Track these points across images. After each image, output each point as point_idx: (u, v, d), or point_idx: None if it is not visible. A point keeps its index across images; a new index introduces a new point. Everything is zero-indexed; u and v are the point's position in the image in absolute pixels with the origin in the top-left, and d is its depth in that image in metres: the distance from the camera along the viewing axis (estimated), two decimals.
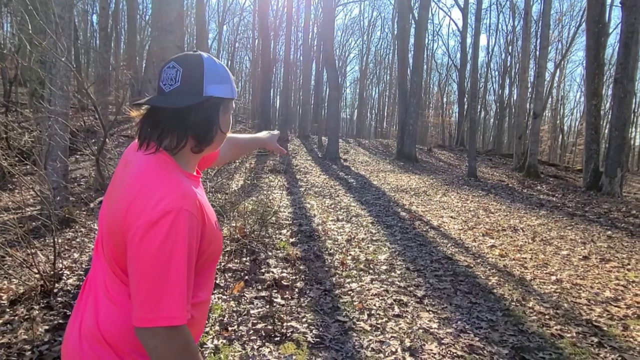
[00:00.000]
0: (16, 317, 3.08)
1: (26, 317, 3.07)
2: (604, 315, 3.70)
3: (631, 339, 3.26)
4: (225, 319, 3.17)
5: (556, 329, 3.37)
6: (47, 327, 2.92)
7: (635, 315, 3.70)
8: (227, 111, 1.04)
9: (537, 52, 18.79)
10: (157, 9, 3.99)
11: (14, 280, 3.80)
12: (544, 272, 4.81)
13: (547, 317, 3.60)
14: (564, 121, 39.71)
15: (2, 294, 3.59)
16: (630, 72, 11.76)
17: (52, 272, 3.59)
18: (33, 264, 3.52)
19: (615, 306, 3.91)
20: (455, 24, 29.05)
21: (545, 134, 34.27)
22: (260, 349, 2.78)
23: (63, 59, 3.47)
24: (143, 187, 0.90)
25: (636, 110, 31.02)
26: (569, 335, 3.28)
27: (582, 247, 5.97)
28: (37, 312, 3.15)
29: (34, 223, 5.50)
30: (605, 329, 3.42)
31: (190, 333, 0.88)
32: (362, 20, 61.33)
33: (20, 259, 3.79)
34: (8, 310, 3.22)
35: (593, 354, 3.00)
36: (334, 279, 4.17)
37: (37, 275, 3.52)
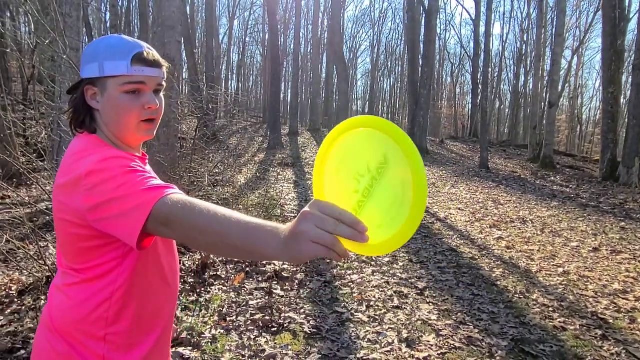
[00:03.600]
0: (23, 307, 3.17)
1: (32, 307, 3.15)
2: (611, 307, 3.64)
3: (638, 332, 3.20)
4: (224, 310, 3.21)
5: (559, 322, 3.33)
6: None
7: None
8: (107, 91, 0.96)
9: (553, 40, 18.35)
10: (158, 5, 4.03)
11: (25, 272, 3.91)
12: (551, 264, 4.74)
13: (550, 309, 3.56)
14: (582, 110, 38.87)
15: (12, 285, 3.71)
16: None
17: None
18: (42, 256, 3.61)
19: (624, 299, 3.84)
20: (468, 13, 28.59)
21: (562, 124, 33.57)
22: (256, 339, 2.82)
23: (65, 56, 3.53)
24: (73, 160, 0.92)
25: None
26: (572, 327, 3.24)
27: (593, 239, 5.86)
28: (43, 302, 3.23)
29: (47, 217, 5.64)
30: (611, 321, 3.37)
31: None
32: (373, 11, 60.80)
33: (32, 251, 3.89)
34: (16, 300, 3.32)
35: (596, 347, 2.96)
36: (334, 270, 4.18)
37: (45, 267, 3.61)
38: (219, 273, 3.88)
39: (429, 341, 2.92)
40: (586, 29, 28.82)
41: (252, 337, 2.84)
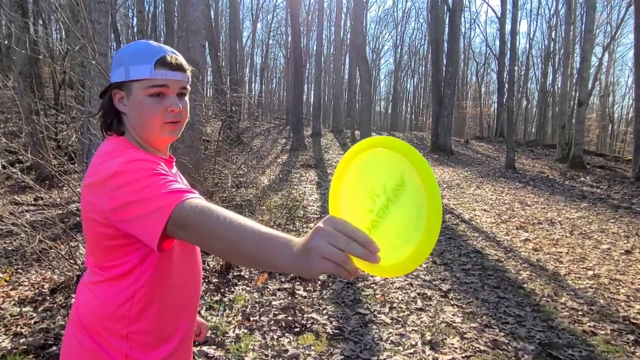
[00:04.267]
0: (55, 305, 3.28)
1: (63, 304, 3.27)
2: None
3: None
4: (247, 310, 3.25)
5: (589, 326, 3.23)
6: None
7: None
8: (132, 94, 1.00)
9: (583, 36, 17.77)
10: (183, 10, 4.11)
11: (57, 271, 4.05)
12: (581, 266, 4.60)
13: (580, 313, 3.45)
14: (613, 108, 37.57)
15: (44, 283, 3.85)
16: None
17: None
18: (72, 256, 3.73)
19: None
20: (494, 11, 28.05)
21: (592, 123, 32.54)
22: (279, 339, 2.84)
23: (94, 62, 3.65)
24: (100, 161, 0.94)
25: None
26: (602, 332, 3.14)
27: (625, 241, 5.66)
28: (74, 300, 3.34)
29: (77, 218, 5.83)
30: None
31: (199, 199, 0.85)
32: (396, 11, 60.56)
33: (64, 251, 4.02)
34: (48, 298, 3.44)
35: (628, 352, 2.86)
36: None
37: (76, 267, 3.73)
38: (242, 273, 3.93)
39: (453, 344, 2.88)
40: (617, 24, 27.89)
41: (275, 337, 2.87)
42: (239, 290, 3.62)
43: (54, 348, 2.68)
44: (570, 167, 14.21)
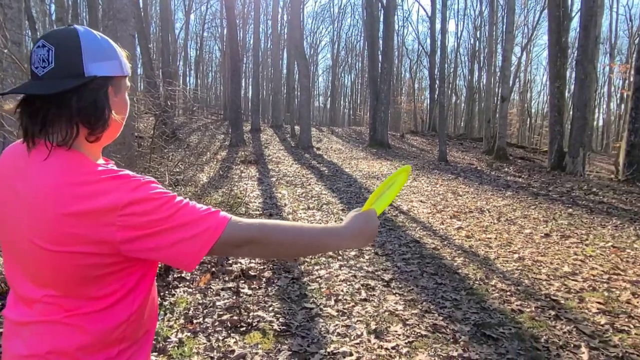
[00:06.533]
0: None
1: None
2: (562, 289, 3.85)
3: (586, 311, 3.40)
4: (190, 312, 3.15)
5: (516, 305, 3.49)
6: None
7: (591, 288, 3.87)
8: (121, 91, 0.93)
9: (504, 37, 19.08)
10: None
11: None
12: (508, 250, 4.96)
13: (508, 293, 3.72)
14: (531, 104, 40.72)
15: None
16: (590, 54, 12.11)
17: None
18: None
19: (573, 280, 4.07)
20: (424, 10, 29.26)
21: (513, 117, 35.03)
22: (225, 339, 2.78)
23: (6, 51, 3.32)
24: (78, 184, 0.80)
25: (598, 92, 32.04)
26: (528, 310, 3.40)
27: (544, 225, 6.18)
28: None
29: None
30: (562, 302, 3.56)
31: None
32: (332, 7, 61.25)
33: None
34: None
35: (550, 326, 3.13)
36: (302, 267, 4.19)
37: None
38: (183, 275, 3.80)
39: (396, 331, 2.99)
40: (533, 26, 30.23)
41: (221, 338, 2.80)
42: (180, 292, 3.50)
43: None
44: (496, 159, 15.25)
